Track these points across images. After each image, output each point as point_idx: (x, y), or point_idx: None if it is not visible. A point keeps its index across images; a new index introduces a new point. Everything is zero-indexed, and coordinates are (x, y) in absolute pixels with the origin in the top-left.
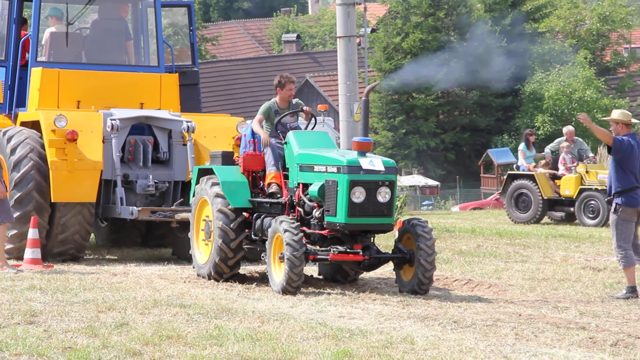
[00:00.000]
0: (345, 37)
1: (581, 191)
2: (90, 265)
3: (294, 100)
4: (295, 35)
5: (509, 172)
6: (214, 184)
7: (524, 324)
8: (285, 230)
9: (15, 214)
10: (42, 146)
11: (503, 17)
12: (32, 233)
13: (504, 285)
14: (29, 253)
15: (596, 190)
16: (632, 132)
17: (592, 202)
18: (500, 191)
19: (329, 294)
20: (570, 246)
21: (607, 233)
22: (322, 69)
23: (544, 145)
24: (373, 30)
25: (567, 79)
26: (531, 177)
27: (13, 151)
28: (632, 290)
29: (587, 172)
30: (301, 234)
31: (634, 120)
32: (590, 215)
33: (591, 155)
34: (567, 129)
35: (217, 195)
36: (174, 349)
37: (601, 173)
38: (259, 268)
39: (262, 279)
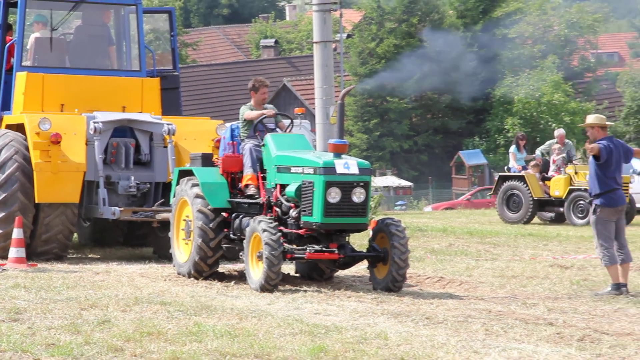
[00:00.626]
0: (321, 42)
1: (570, 192)
2: (73, 264)
3: (269, 105)
4: (273, 40)
5: (500, 173)
6: (193, 185)
7: (494, 320)
8: (264, 230)
9: (0, 215)
10: (27, 148)
11: (474, 23)
12: (17, 233)
13: (475, 282)
14: (14, 252)
15: (585, 190)
16: (609, 136)
17: (581, 202)
18: (472, 192)
19: (305, 291)
20: (538, 245)
21: (574, 232)
22: (299, 74)
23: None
24: (349, 36)
25: (536, 83)
26: (522, 178)
27: None
28: (617, 287)
29: (576, 173)
30: (279, 234)
31: (608, 123)
32: (580, 215)
33: (575, 160)
34: (559, 132)
35: (197, 196)
36: (155, 345)
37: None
38: (237, 266)
39: (241, 277)
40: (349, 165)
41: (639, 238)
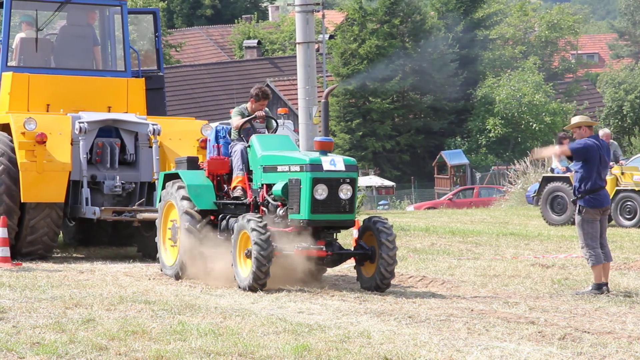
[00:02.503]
0: (304, 43)
1: (617, 192)
2: (57, 263)
3: (265, 109)
4: (256, 41)
5: (543, 174)
6: (179, 188)
7: (476, 318)
8: (253, 229)
9: None
10: (12, 149)
11: (456, 24)
12: (1, 232)
13: (457, 281)
14: None
15: (632, 191)
16: (594, 134)
17: (629, 202)
18: (454, 191)
19: (289, 290)
20: (520, 244)
21: (555, 231)
22: (282, 74)
23: (496, 148)
24: (331, 37)
25: (517, 84)
26: (566, 180)
27: None
28: (598, 287)
29: (622, 173)
30: (269, 233)
31: (593, 122)
32: (627, 216)
33: (622, 159)
34: (604, 131)
35: (183, 198)
36: (139, 344)
37: (636, 174)
38: None
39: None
40: (335, 162)
41: (619, 237)
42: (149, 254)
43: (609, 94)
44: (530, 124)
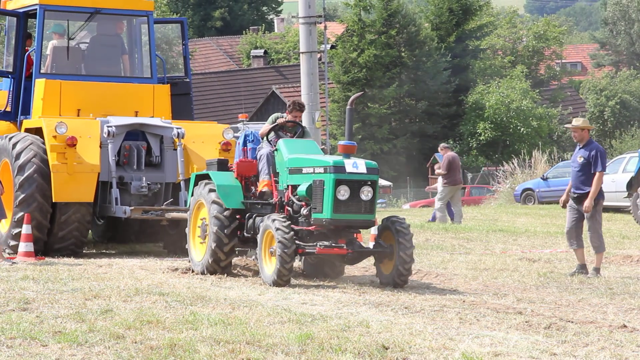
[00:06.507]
0: (307, 52)
1: None
2: (78, 257)
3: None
4: (262, 50)
5: (632, 176)
6: (211, 190)
7: (467, 309)
8: (277, 229)
9: (19, 214)
10: (45, 151)
11: (448, 35)
12: (25, 229)
13: (450, 274)
14: (23, 247)
15: None
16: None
17: None
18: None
19: (293, 283)
20: (508, 240)
21: (541, 228)
22: (287, 81)
23: (486, 150)
24: (332, 47)
25: (506, 91)
26: None
27: (18, 156)
28: (581, 267)
29: None
30: (292, 232)
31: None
32: None
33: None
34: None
35: (214, 202)
36: (154, 333)
37: None
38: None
39: (233, 269)
40: (357, 165)
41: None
42: (175, 250)
43: (591, 100)
44: (518, 128)
